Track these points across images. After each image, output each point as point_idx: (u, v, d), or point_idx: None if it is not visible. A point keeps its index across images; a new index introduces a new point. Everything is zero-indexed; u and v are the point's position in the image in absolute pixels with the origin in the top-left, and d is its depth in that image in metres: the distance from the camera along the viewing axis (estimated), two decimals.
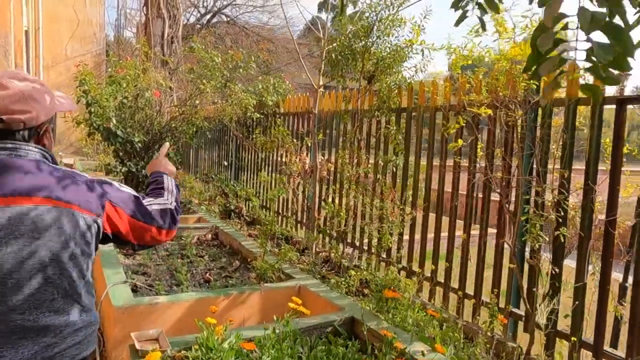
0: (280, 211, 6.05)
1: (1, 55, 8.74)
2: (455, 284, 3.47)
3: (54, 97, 1.36)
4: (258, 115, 6.00)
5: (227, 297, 2.99)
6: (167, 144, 1.93)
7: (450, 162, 3.51)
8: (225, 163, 8.14)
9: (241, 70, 6.00)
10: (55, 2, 15.58)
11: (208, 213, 6.00)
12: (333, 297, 2.97)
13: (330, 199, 4.94)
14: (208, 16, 23.04)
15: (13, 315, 1.15)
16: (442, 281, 3.53)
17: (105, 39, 17.08)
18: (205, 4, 22.90)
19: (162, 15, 7.36)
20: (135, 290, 3.36)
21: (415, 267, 3.77)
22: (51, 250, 1.19)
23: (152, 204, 1.47)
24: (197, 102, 6.06)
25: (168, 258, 4.41)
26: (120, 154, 6.17)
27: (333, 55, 4.00)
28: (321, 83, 4.72)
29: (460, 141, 3.17)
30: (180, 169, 6.69)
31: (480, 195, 3.26)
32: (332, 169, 4.93)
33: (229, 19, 22.93)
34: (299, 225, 5.62)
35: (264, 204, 6.59)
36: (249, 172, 7.16)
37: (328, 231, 4.42)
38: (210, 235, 5.06)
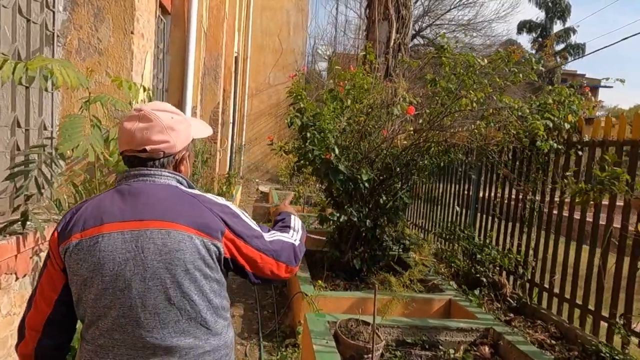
0: (585, 303, 3.67)
1: (211, 78, 8.28)
2: None
3: (190, 126, 1.40)
4: (555, 145, 3.77)
5: None
6: (292, 193, 1.75)
7: None
8: (458, 208, 6.05)
9: (521, 75, 3.89)
10: (263, 32, 15.84)
11: (460, 292, 3.95)
12: None
13: None
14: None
15: (143, 333, 1.18)
16: None
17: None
18: None
19: (390, 16, 5.75)
20: None
21: None
22: (171, 273, 1.19)
23: (275, 237, 1.42)
24: (447, 123, 4.14)
25: None
26: (335, 194, 4.58)
27: None
28: None
29: None
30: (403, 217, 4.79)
31: None
32: None
33: (427, 40, 21.27)
34: (620, 330, 3.20)
35: (537, 280, 4.27)
36: (505, 225, 4.92)
37: None
38: (487, 349, 2.98)
